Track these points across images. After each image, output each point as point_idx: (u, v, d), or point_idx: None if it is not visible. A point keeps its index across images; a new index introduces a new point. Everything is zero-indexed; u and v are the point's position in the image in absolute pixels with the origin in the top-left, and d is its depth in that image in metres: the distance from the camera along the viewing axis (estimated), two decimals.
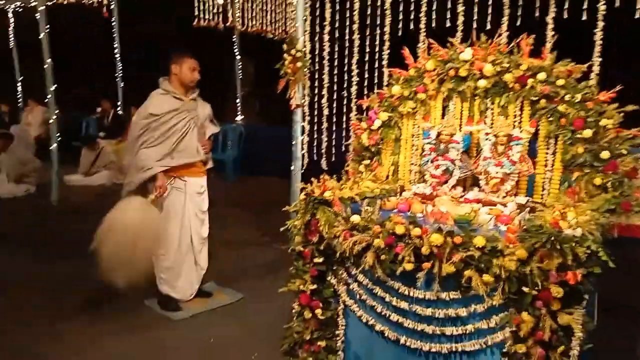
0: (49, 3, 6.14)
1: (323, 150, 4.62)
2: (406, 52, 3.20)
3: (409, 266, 2.35)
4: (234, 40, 8.51)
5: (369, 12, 4.29)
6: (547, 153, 2.82)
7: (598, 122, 2.62)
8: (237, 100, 8.85)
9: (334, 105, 4.48)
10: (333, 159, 4.61)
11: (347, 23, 4.34)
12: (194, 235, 3.51)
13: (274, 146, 6.10)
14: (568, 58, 2.74)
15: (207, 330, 3.23)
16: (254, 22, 4.53)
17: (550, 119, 2.76)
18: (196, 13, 4.17)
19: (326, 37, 4.44)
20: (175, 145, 3.34)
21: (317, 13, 4.46)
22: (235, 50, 8.62)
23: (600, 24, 3.35)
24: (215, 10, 4.23)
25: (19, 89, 11.71)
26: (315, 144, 4.63)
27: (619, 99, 2.67)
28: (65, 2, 5.41)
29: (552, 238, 2.02)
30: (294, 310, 2.75)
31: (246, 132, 8.49)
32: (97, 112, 9.86)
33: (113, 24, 9.38)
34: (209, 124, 3.63)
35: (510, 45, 2.86)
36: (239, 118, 8.82)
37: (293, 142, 4.62)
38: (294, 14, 4.42)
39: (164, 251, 3.42)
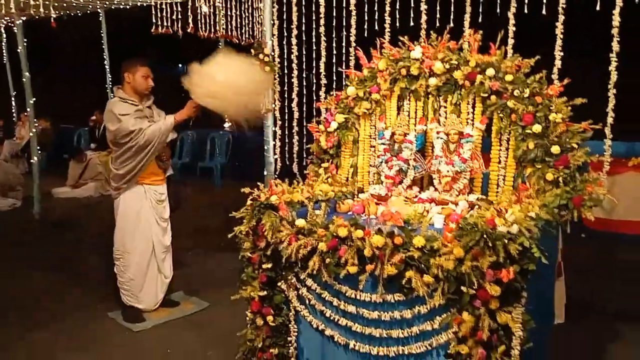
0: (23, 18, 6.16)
1: (294, 154, 4.59)
2: (359, 52, 3.17)
3: (352, 269, 2.31)
4: (219, 48, 8.51)
5: (334, 13, 4.26)
6: (499, 150, 2.78)
7: (547, 117, 2.58)
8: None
9: (304, 108, 4.45)
10: (305, 163, 4.57)
11: (314, 26, 4.32)
12: (156, 244, 3.49)
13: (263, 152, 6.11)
14: (533, 53, 2.71)
15: (167, 340, 3.20)
16: (217, 28, 4.50)
17: (501, 115, 2.72)
18: (154, 20, 4.16)
19: (294, 41, 4.41)
20: None
21: (284, 16, 4.43)
22: None
23: (561, 17, 3.31)
24: (174, 17, 4.22)
25: (13, 103, 11.82)
26: (286, 148, 4.60)
27: (572, 93, 2.64)
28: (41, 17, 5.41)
29: (485, 236, 1.98)
30: (247, 318, 2.72)
31: (234, 138, 8.50)
32: (91, 122, 9.92)
33: (102, 34, 9.42)
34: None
35: (460, 42, 2.83)
36: (226, 125, 8.82)
37: (265, 147, 4.60)
38: (261, 17, 4.40)
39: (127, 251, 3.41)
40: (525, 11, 3.37)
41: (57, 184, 8.19)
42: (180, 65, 13.01)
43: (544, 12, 3.33)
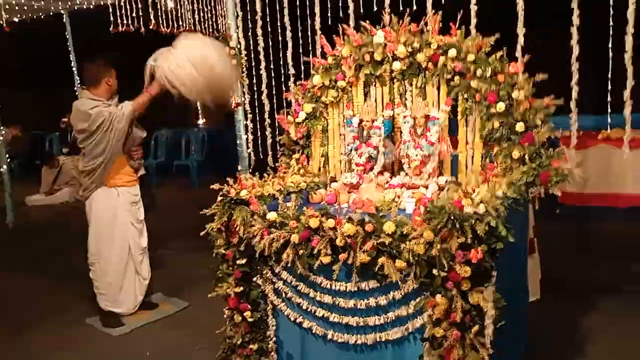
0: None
1: (268, 147, 4.56)
2: (323, 40, 3.15)
3: (326, 259, 2.31)
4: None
5: (298, 2, 4.22)
6: (466, 130, 2.79)
7: (510, 95, 2.59)
8: (198, 105, 8.75)
9: (274, 100, 4.41)
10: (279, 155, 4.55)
11: (278, 16, 4.27)
12: (133, 246, 3.45)
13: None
14: (495, 31, 2.71)
15: (147, 343, 3.17)
16: (180, 23, 4.42)
17: (466, 95, 2.73)
18: (112, 18, 4.06)
19: (259, 32, 4.36)
20: None
21: (248, 8, 4.37)
22: None
23: None
24: (133, 14, 4.13)
25: None
26: (259, 142, 4.57)
27: (537, 69, 2.65)
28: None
29: (452, 217, 1.99)
30: (225, 315, 2.70)
31: (209, 135, 8.42)
32: (62, 124, 9.71)
33: (67, 36, 9.21)
34: (136, 130, 3.53)
35: (420, 25, 2.82)
36: (200, 122, 8.73)
37: (237, 142, 4.56)
38: (224, 10, 4.34)
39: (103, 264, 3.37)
40: None
41: (31, 192, 8.04)
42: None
43: None
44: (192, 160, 8.18)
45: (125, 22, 4.06)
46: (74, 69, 9.45)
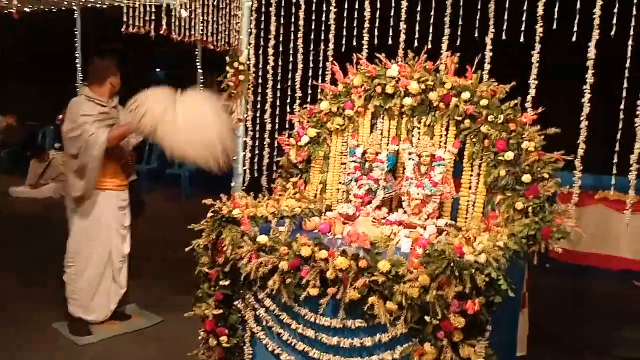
0: None
1: (264, 167, 4.47)
2: (335, 67, 3.11)
3: (314, 291, 2.20)
4: (196, 53, 8.37)
5: (313, 26, 4.19)
6: (471, 175, 2.73)
7: (520, 145, 2.54)
8: None
9: (277, 121, 4.34)
10: (274, 176, 4.46)
11: (292, 37, 4.24)
12: (114, 252, 3.31)
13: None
14: (509, 80, 2.68)
15: (112, 357, 3.00)
16: (192, 32, 4.38)
17: (475, 140, 2.68)
18: (125, 19, 4.03)
19: (271, 51, 4.32)
20: None
21: (262, 26, 4.34)
22: (197, 64, 8.47)
23: (538, 46, 3.31)
24: (147, 18, 4.08)
25: None
26: (256, 160, 4.48)
27: (546, 122, 2.61)
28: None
29: (452, 264, 1.90)
30: (200, 337, 2.57)
31: None
32: (58, 121, 9.60)
33: (76, 32, 9.17)
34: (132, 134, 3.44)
35: (437, 64, 2.78)
36: None
37: (234, 158, 4.47)
38: (239, 25, 4.30)
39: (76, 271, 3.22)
40: (504, 37, 3.36)
41: (19, 184, 7.86)
42: (157, 70, 12.76)
43: (522, 39, 3.33)
44: (184, 170, 8.06)
45: (137, 24, 4.02)
46: (78, 65, 9.42)
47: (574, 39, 3.09)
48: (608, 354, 3.39)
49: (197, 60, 8.46)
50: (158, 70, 12.24)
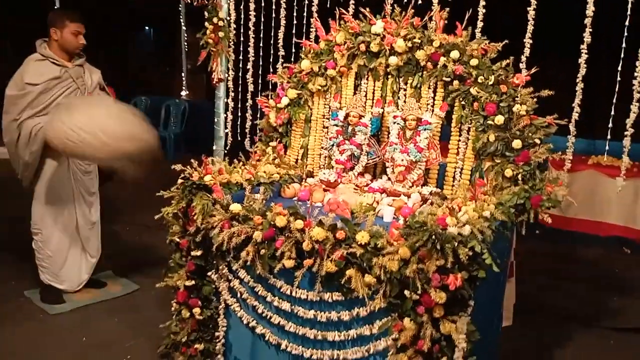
0: None
1: (247, 130, 4.29)
2: (317, 23, 2.90)
3: (288, 263, 2.08)
4: (179, 9, 8.02)
5: None
6: (459, 140, 2.58)
7: (511, 108, 2.39)
8: (183, 75, 8.40)
9: (259, 81, 4.14)
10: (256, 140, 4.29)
11: None
12: (80, 219, 3.14)
13: None
14: (502, 37, 2.49)
15: (85, 326, 2.89)
16: None
17: (463, 102, 2.52)
18: None
19: (252, 6, 4.07)
20: None
21: None
22: (181, 21, 8.13)
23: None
24: None
25: None
26: (239, 122, 4.29)
27: (539, 84, 2.45)
28: None
29: (434, 236, 1.77)
30: (172, 309, 2.46)
31: (190, 108, 8.07)
32: None
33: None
34: (100, 92, 3.20)
35: (424, 19, 2.59)
36: (183, 93, 8.38)
37: (215, 120, 4.29)
38: None
39: (42, 236, 3.08)
40: None
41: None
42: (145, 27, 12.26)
43: None
44: (169, 133, 7.85)
45: None
46: None
47: None
48: (595, 324, 3.34)
49: (181, 17, 8.17)
50: (147, 28, 11.78)
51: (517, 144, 2.36)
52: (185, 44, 8.27)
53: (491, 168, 2.44)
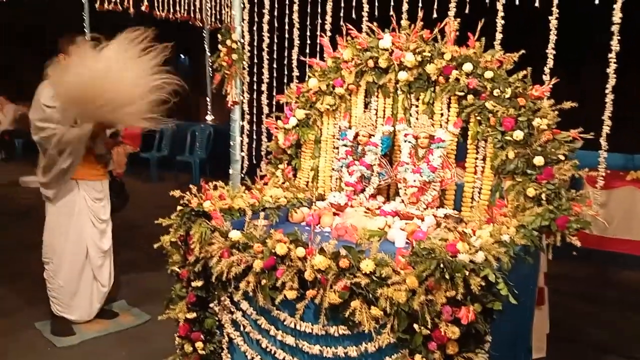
0: None
1: (262, 153, 4.20)
2: (324, 40, 2.80)
3: (290, 294, 1.94)
4: (203, 35, 8.12)
5: None
6: (476, 158, 2.41)
7: (531, 122, 2.21)
8: (208, 99, 8.46)
9: (274, 102, 4.06)
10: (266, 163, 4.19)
11: (287, 12, 3.93)
12: (91, 248, 3.09)
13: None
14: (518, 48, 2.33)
15: (91, 359, 2.81)
16: (177, 8, 4.09)
17: (479, 118, 2.35)
18: None
19: (265, 27, 4.02)
20: None
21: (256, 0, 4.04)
22: (205, 46, 8.23)
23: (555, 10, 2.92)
24: None
25: None
26: (254, 145, 4.21)
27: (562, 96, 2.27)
28: None
29: (442, 265, 1.61)
30: (176, 342, 2.34)
31: (216, 132, 8.09)
32: None
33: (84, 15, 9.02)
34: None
35: (434, 31, 2.45)
36: (209, 118, 8.43)
37: (231, 144, 4.22)
38: (230, 1, 4.02)
39: (54, 265, 3.03)
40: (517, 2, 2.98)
41: (30, 173, 7.78)
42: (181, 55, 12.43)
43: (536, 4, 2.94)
44: (195, 157, 7.87)
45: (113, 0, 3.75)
46: None
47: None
48: (636, 356, 3.04)
49: (205, 42, 8.27)
50: (182, 56, 11.93)
51: (539, 160, 2.18)
52: (210, 68, 8.32)
53: (512, 187, 2.26)
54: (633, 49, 2.84)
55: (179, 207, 2.24)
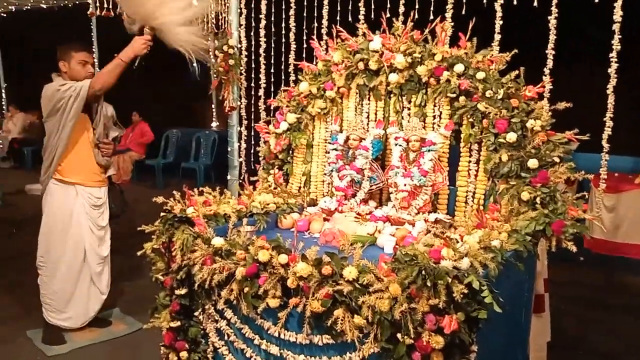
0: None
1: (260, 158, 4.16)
2: (315, 43, 2.75)
3: (273, 302, 1.87)
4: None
5: (306, 2, 3.83)
6: (469, 161, 2.34)
7: (524, 124, 2.13)
8: (212, 106, 8.45)
9: (272, 107, 4.02)
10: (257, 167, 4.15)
11: (284, 16, 3.90)
12: (90, 254, 3.05)
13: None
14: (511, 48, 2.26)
15: None
16: None
17: (471, 120, 2.28)
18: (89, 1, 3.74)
19: (262, 32, 3.99)
20: None
21: (253, 5, 4.02)
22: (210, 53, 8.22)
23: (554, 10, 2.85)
24: None
25: (3, 95, 11.58)
26: (252, 150, 4.17)
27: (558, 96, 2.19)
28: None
29: (423, 271, 1.54)
30: (161, 352, 2.29)
31: (220, 139, 8.08)
32: None
33: (92, 26, 9.10)
34: (112, 126, 3.22)
35: (425, 32, 2.39)
36: (213, 124, 8.42)
37: (229, 149, 4.19)
38: (227, 7, 3.99)
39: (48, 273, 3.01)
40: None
41: (37, 181, 7.83)
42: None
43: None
44: (200, 164, 7.86)
45: (106, 5, 3.71)
46: (95, 59, 9.35)
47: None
48: None
49: (210, 50, 8.29)
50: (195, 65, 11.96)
51: (533, 163, 2.10)
52: (215, 75, 8.32)
53: (505, 191, 2.18)
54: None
55: (161, 214, 2.20)
